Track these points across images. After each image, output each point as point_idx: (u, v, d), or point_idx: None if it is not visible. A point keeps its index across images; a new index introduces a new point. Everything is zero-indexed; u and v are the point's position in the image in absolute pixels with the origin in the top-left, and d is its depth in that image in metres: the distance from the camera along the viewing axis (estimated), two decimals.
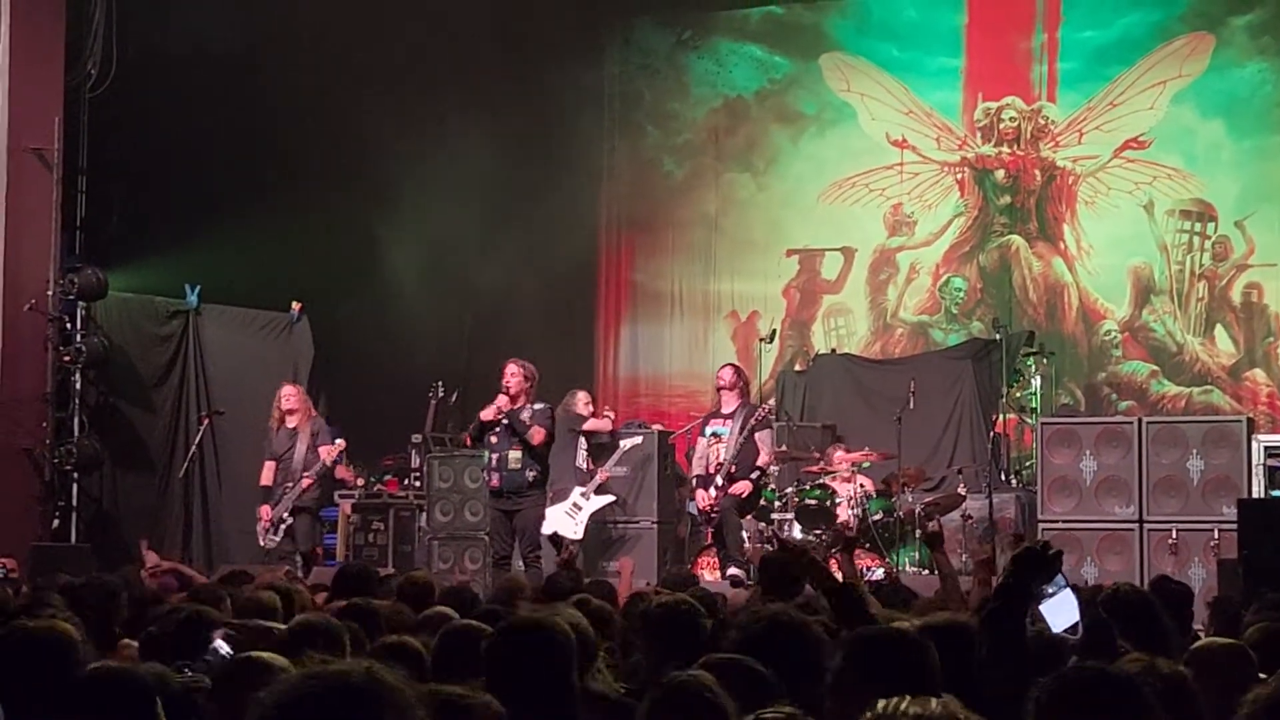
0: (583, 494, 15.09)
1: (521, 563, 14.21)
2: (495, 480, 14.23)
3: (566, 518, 15.03)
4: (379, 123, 19.41)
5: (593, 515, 15.30)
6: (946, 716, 3.11)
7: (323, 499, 16.04)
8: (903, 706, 3.11)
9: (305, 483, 14.92)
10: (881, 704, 3.16)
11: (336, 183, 18.93)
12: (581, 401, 15.79)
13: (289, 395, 15.27)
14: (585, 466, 15.46)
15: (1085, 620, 4.86)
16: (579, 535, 14.84)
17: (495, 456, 14.20)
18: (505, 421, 14.12)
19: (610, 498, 15.44)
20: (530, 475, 14.16)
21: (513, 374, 14.20)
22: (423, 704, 3.00)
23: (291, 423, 15.18)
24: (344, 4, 18.34)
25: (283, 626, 6.12)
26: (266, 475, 15.16)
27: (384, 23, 19.05)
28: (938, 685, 4.44)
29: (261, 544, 14.94)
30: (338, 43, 18.32)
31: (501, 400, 14.12)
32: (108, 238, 17.15)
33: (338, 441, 15.25)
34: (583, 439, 15.58)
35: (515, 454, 14.13)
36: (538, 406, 14.36)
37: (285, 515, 14.91)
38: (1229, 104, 19.62)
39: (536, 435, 14.12)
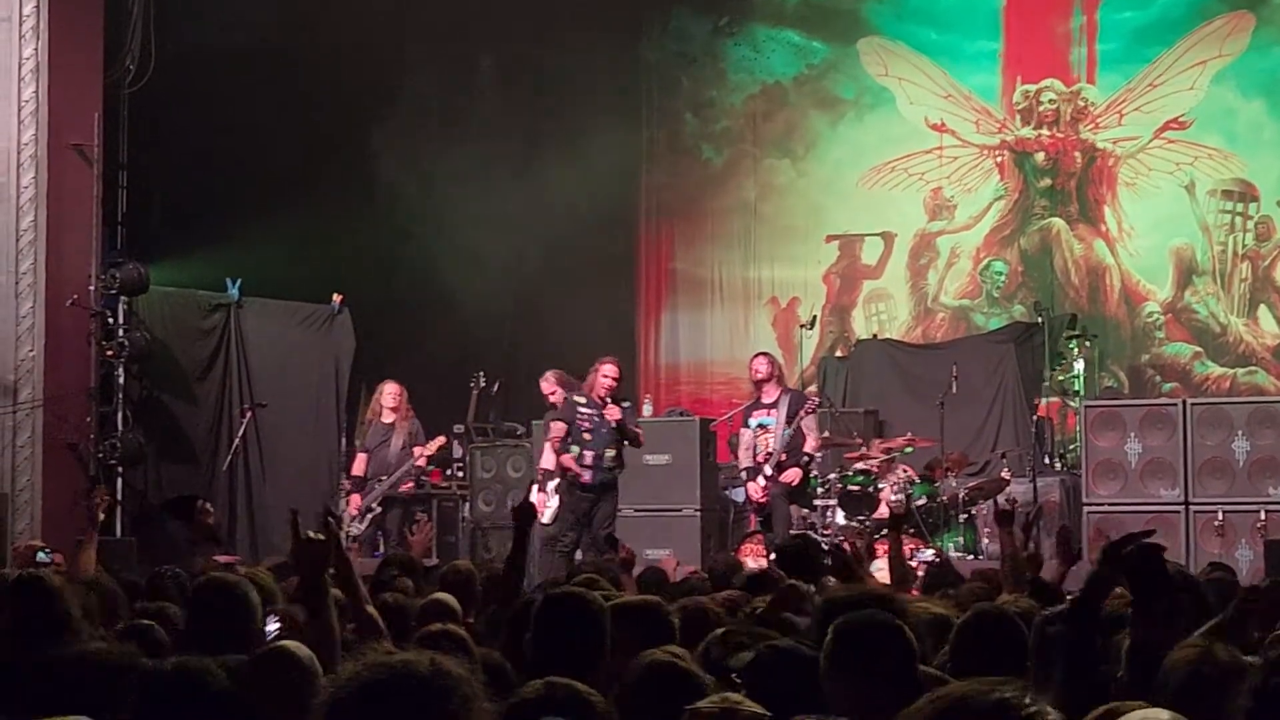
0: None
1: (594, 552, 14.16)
2: (589, 477, 14.02)
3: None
4: (417, 113, 19.46)
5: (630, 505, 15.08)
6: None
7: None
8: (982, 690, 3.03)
9: (406, 485, 15.58)
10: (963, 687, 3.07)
11: (376, 174, 18.95)
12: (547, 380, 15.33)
13: (393, 393, 15.77)
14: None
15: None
16: (547, 522, 14.47)
17: (592, 454, 14.03)
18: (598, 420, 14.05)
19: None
20: (617, 473, 14.22)
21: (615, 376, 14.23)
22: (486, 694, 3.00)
23: (388, 418, 15.69)
24: None
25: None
26: (358, 466, 15.76)
27: (420, 16, 19.06)
28: (916, 670, 4.41)
29: (345, 529, 15.04)
30: (375, 33, 18.33)
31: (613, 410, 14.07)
32: (149, 232, 17.17)
33: (439, 438, 15.71)
34: None
35: (612, 453, 14.09)
36: (626, 405, 14.37)
37: (375, 505, 15.42)
38: (1270, 83, 19.49)
39: (641, 436, 14.29)
